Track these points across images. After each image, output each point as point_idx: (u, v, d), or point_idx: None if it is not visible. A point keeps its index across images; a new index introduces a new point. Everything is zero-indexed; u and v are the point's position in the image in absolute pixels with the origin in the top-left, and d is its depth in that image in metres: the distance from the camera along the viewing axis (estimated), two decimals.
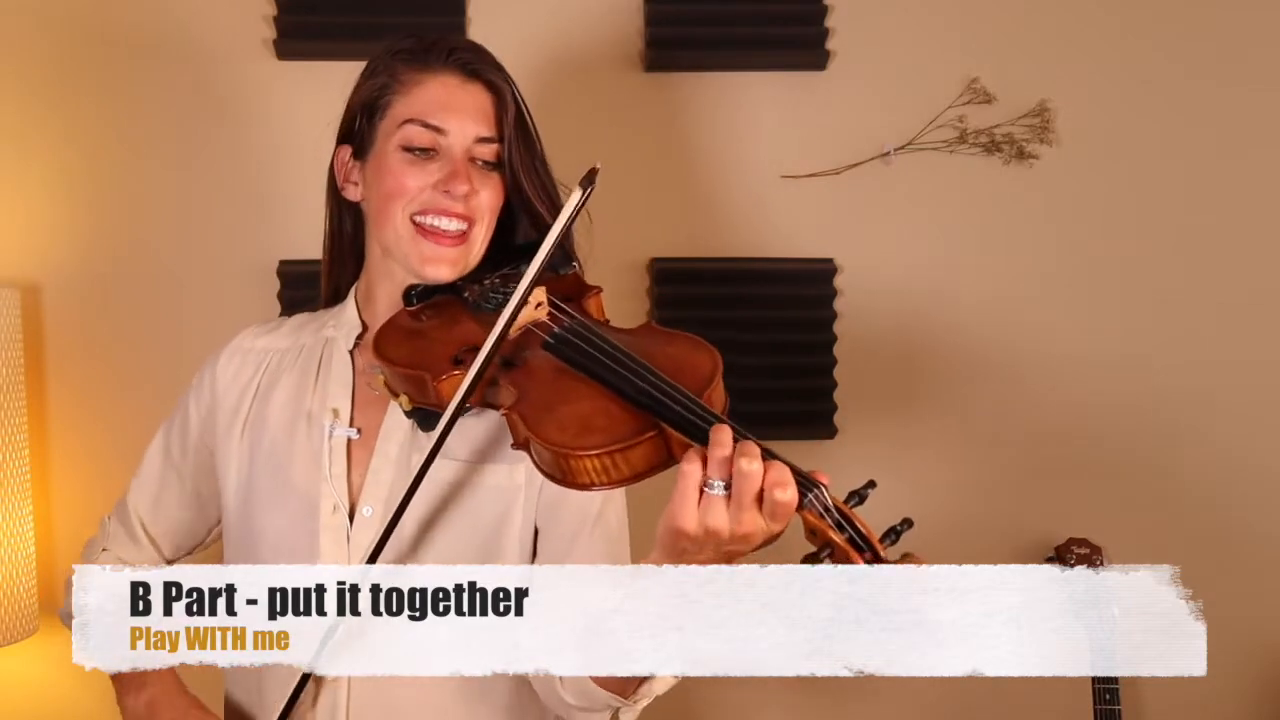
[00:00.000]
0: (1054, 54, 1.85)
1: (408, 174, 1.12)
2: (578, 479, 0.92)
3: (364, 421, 1.16)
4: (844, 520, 0.84)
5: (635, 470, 0.92)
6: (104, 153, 1.79)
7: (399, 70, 1.16)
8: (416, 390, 1.07)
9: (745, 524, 0.84)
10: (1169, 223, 1.87)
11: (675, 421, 0.90)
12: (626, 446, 0.90)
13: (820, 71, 1.84)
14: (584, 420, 0.93)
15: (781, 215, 1.84)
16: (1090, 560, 1.73)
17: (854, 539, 0.84)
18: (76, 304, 1.79)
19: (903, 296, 1.85)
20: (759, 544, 0.86)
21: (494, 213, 1.16)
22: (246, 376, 1.23)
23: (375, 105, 1.16)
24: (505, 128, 1.15)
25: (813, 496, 0.84)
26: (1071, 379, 1.86)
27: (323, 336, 1.23)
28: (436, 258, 1.13)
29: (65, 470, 1.80)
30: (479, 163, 1.15)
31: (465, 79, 1.15)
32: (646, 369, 0.96)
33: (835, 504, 0.85)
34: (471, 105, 1.14)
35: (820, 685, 1.83)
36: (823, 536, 0.84)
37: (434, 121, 1.13)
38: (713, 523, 0.84)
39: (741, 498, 0.83)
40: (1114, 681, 1.67)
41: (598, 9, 1.83)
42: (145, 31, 1.79)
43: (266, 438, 1.18)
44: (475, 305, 1.14)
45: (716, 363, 0.99)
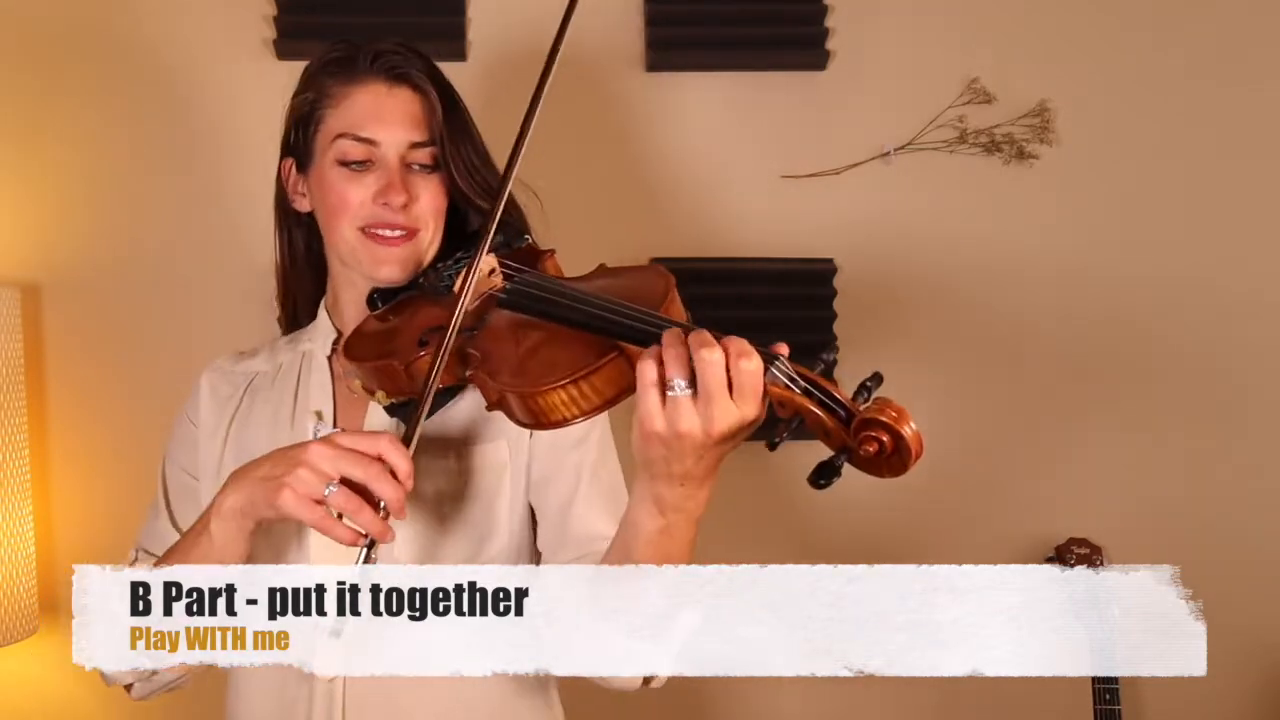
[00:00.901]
0: (1054, 54, 1.85)
1: (347, 189, 1.14)
2: (551, 416, 0.92)
3: (346, 423, 1.18)
4: (811, 386, 0.83)
5: (605, 396, 0.92)
6: (104, 153, 1.79)
7: (326, 84, 1.17)
8: (389, 381, 1.08)
9: (717, 417, 0.82)
10: (1169, 223, 1.87)
11: (630, 335, 0.91)
12: (590, 371, 0.90)
13: (820, 71, 1.84)
14: (546, 360, 0.95)
15: (781, 215, 1.84)
16: (1090, 560, 1.73)
17: (824, 401, 0.83)
18: (76, 304, 1.79)
19: (902, 297, 1.85)
20: (738, 435, 0.84)
21: (438, 214, 1.17)
22: (225, 394, 1.24)
23: (309, 118, 1.18)
24: (435, 129, 1.15)
25: (774, 368, 0.83)
26: (1071, 379, 1.86)
27: (299, 351, 1.25)
28: (388, 259, 1.14)
29: (65, 470, 1.80)
30: (415, 166, 1.15)
31: (391, 84, 1.15)
32: (598, 297, 0.96)
33: (799, 371, 0.84)
34: (400, 111, 1.14)
35: (820, 685, 1.83)
36: (792, 406, 0.83)
37: (364, 134, 1.13)
38: (683, 424, 0.83)
39: (710, 388, 0.81)
40: (1114, 681, 1.67)
41: (598, 9, 1.83)
42: (145, 31, 1.79)
43: (249, 450, 1.18)
44: (432, 289, 1.16)
45: (668, 280, 0.99)
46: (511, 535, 1.15)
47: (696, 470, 0.86)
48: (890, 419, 0.80)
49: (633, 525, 0.93)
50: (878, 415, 0.80)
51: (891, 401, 0.81)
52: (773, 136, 1.84)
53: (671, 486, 0.88)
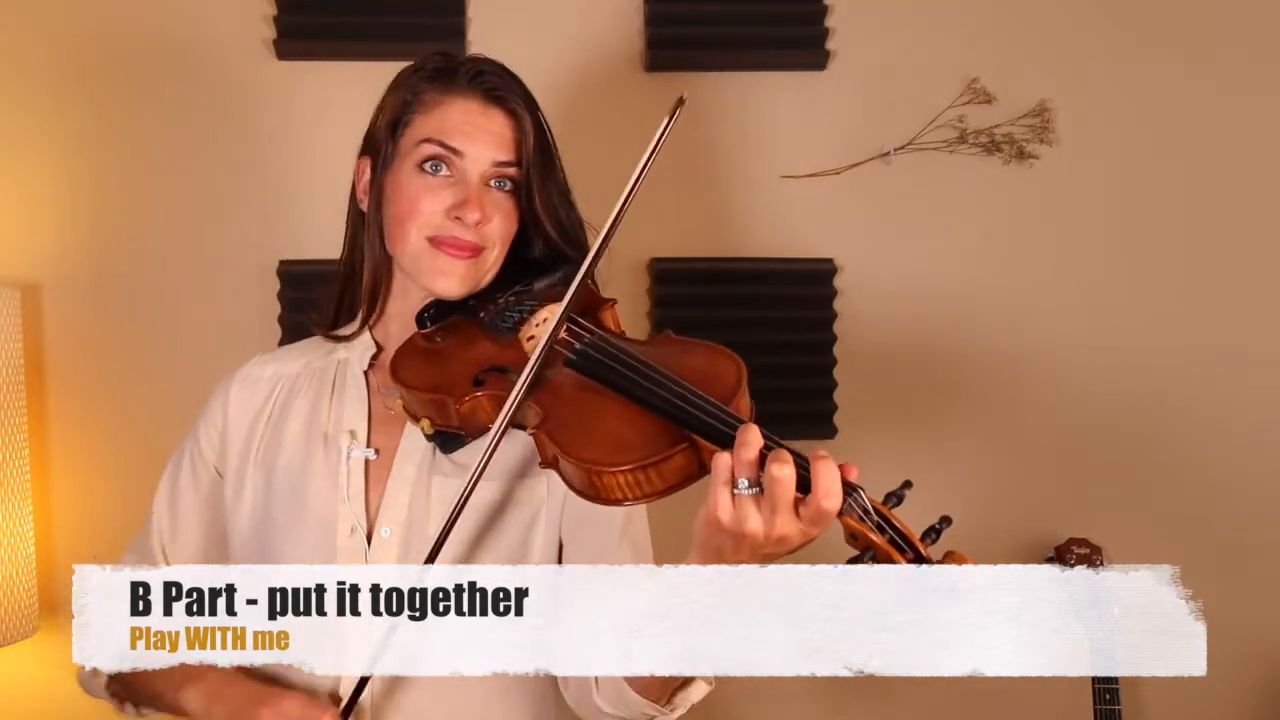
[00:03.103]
0: (1054, 54, 1.85)
1: (422, 196, 1.12)
2: (610, 495, 0.92)
3: (381, 442, 1.16)
4: (884, 522, 0.84)
5: (668, 483, 0.91)
6: (104, 153, 1.79)
7: (422, 89, 1.16)
8: (438, 413, 1.07)
9: (779, 526, 0.84)
10: (1169, 223, 1.87)
11: (706, 432, 0.90)
12: (660, 460, 0.90)
13: (820, 71, 1.84)
14: (614, 436, 0.93)
15: (781, 215, 1.84)
16: (1090, 560, 1.73)
17: (895, 540, 0.84)
18: (76, 304, 1.79)
19: (902, 297, 1.85)
20: (797, 546, 0.86)
21: (506, 238, 1.16)
22: (258, 404, 1.22)
23: (397, 121, 1.16)
24: (524, 153, 1.14)
25: (852, 500, 0.84)
26: (1071, 379, 1.86)
27: (334, 359, 1.23)
28: (451, 270, 1.13)
29: (65, 470, 1.80)
30: (492, 184, 1.14)
31: (487, 104, 1.15)
32: (673, 380, 0.95)
33: (875, 506, 0.85)
34: (491, 130, 1.14)
35: (819, 685, 1.83)
36: (864, 540, 0.84)
37: (451, 143, 1.13)
38: (749, 525, 0.84)
39: (775, 501, 0.83)
40: (1114, 681, 1.67)
41: (598, 9, 1.83)
42: (145, 31, 1.79)
43: (281, 462, 1.17)
44: (491, 325, 1.14)
45: (741, 370, 0.98)
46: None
47: (753, 561, 0.88)
48: None
49: None
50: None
51: (958, 554, 0.84)
52: (773, 136, 1.84)
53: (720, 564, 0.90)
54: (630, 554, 1.13)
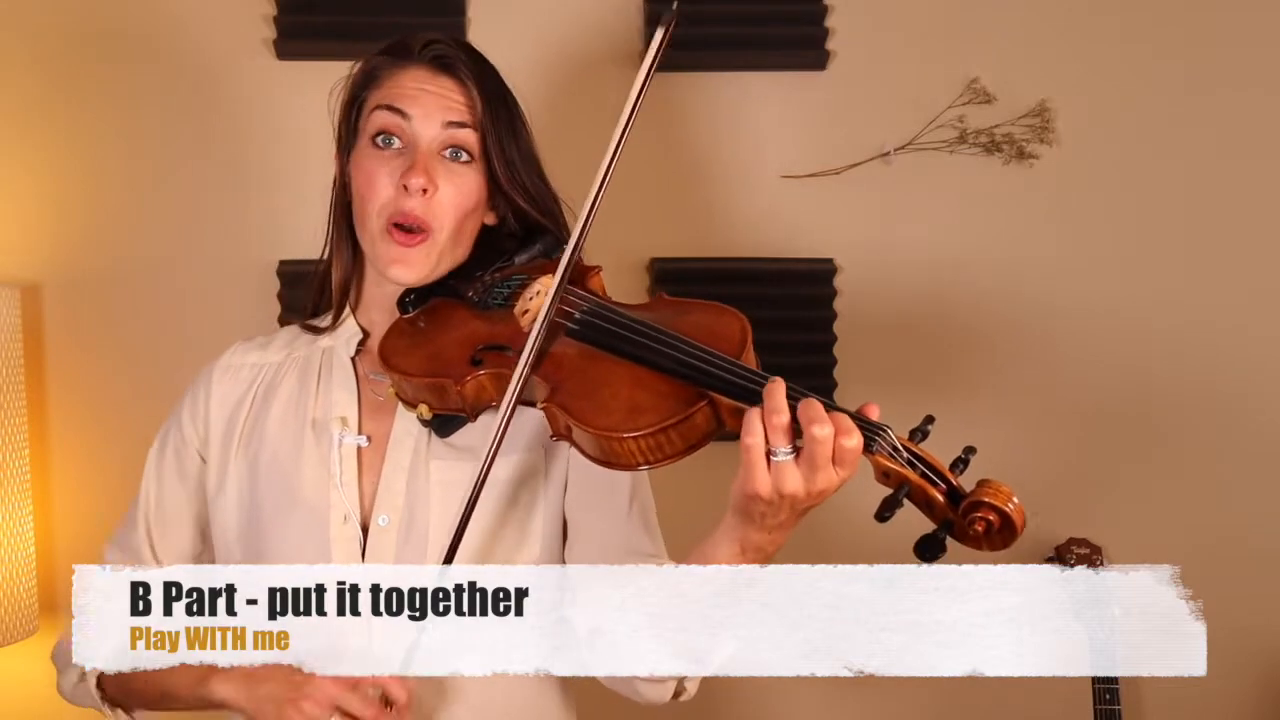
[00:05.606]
0: (1054, 54, 1.85)
1: (376, 171, 1.12)
2: (625, 460, 0.91)
3: (372, 429, 1.15)
4: (915, 457, 0.85)
5: (689, 443, 0.91)
6: (104, 152, 1.79)
7: (377, 66, 1.16)
8: (436, 398, 1.05)
9: (819, 481, 0.85)
10: (1169, 223, 1.86)
11: (724, 388, 0.89)
12: (679, 421, 0.89)
13: (820, 71, 1.83)
14: (629, 402, 0.92)
15: (781, 215, 1.83)
16: (1090, 560, 1.73)
17: (927, 474, 0.85)
18: (76, 304, 1.79)
19: (902, 297, 1.84)
20: (832, 492, 0.87)
21: (459, 213, 1.13)
22: (240, 392, 1.20)
23: (354, 100, 1.17)
24: (475, 115, 1.13)
25: (880, 440, 0.85)
26: (1071, 379, 1.86)
27: (318, 347, 1.22)
28: (399, 258, 1.11)
29: (65, 470, 1.80)
30: (448, 154, 1.13)
31: (436, 71, 1.14)
32: (680, 339, 0.94)
33: (902, 442, 0.86)
34: (438, 93, 1.13)
35: (820, 686, 1.83)
36: (897, 477, 0.85)
37: (398, 105, 1.12)
38: (788, 487, 0.85)
39: (815, 459, 0.84)
40: (1114, 681, 1.67)
41: (597, 9, 1.83)
42: (145, 31, 1.79)
43: (266, 451, 1.16)
44: (481, 303, 1.12)
45: (744, 324, 0.98)
46: (544, 548, 1.13)
47: (790, 521, 0.89)
48: (997, 499, 0.82)
49: (709, 560, 0.93)
50: (984, 497, 0.83)
51: (993, 481, 0.84)
52: (773, 136, 1.83)
53: (762, 533, 0.90)
54: (640, 523, 1.13)
